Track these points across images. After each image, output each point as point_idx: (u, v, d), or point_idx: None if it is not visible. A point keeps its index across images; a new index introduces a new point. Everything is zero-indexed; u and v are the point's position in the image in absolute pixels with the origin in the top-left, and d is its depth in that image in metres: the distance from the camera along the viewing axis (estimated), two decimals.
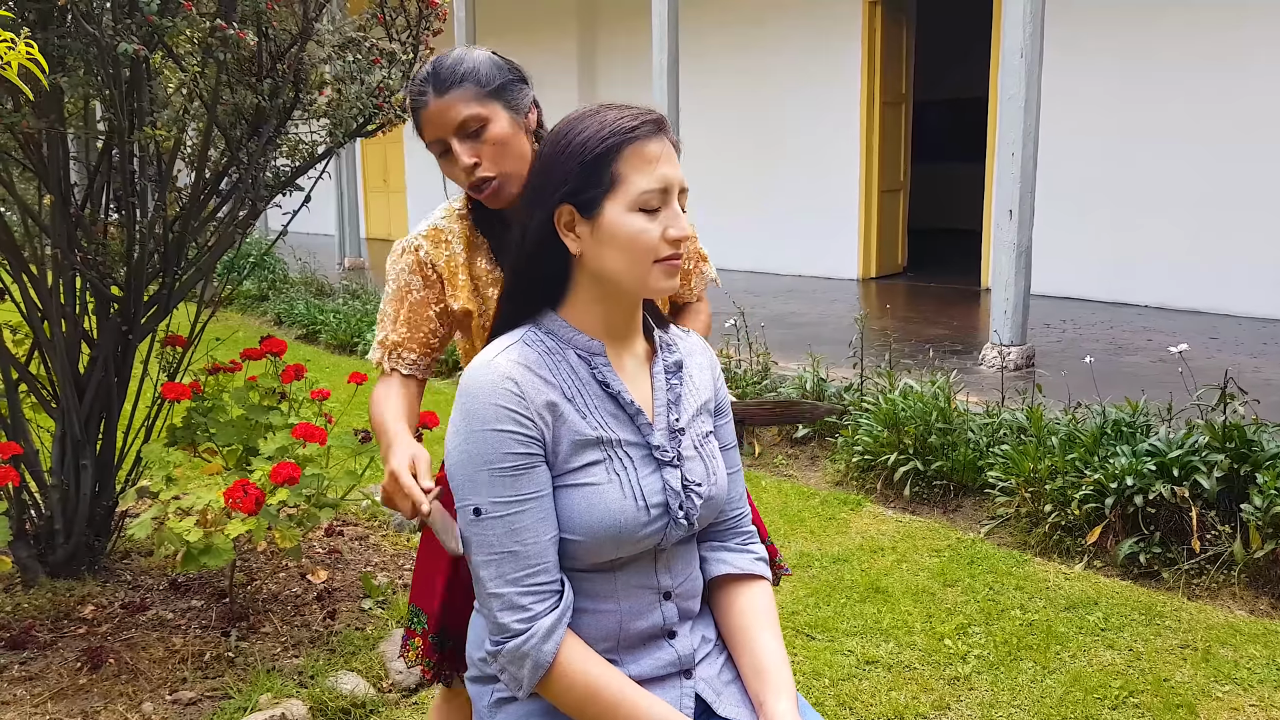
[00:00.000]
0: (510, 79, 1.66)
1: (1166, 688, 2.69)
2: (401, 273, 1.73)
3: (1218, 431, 3.43)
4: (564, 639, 1.23)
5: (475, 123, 1.61)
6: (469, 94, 1.60)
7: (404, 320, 1.73)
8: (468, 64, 1.62)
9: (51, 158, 2.84)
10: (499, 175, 1.64)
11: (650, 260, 1.25)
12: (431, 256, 1.72)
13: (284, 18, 3.01)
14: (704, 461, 1.36)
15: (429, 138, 1.65)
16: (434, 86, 1.60)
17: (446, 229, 1.74)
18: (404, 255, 1.73)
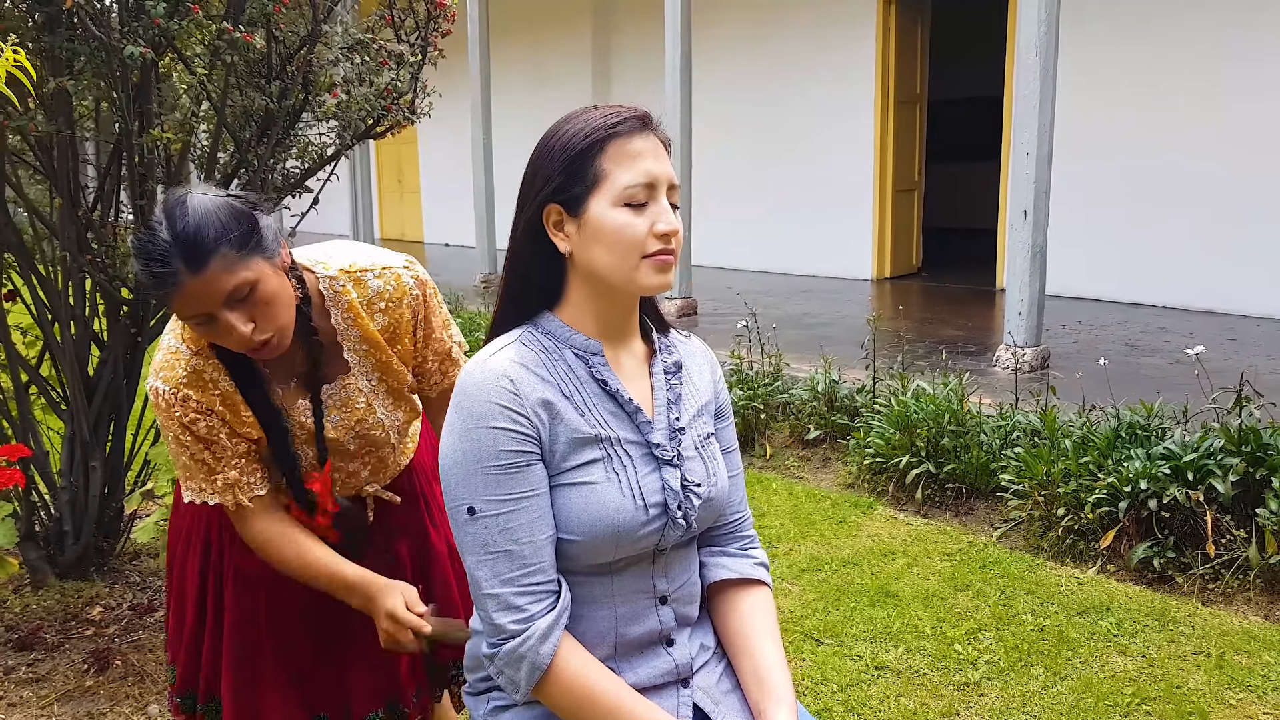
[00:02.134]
0: (256, 224, 1.50)
1: (1179, 695, 2.66)
2: (191, 423, 1.58)
3: (1233, 435, 3.39)
4: (561, 642, 1.22)
5: (244, 289, 1.46)
6: (229, 261, 1.44)
7: (227, 455, 1.61)
8: (213, 227, 1.44)
9: (61, 160, 2.85)
10: (275, 331, 1.52)
11: (638, 255, 1.24)
12: (206, 402, 1.58)
13: (292, 20, 3.01)
14: (704, 462, 1.35)
15: (188, 313, 1.48)
16: (185, 263, 1.41)
17: (201, 369, 1.58)
18: (174, 407, 1.57)
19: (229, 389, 1.59)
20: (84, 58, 2.60)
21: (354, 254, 1.72)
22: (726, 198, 9.71)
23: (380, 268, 1.70)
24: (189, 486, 1.62)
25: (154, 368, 1.58)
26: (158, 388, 1.57)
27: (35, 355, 3.20)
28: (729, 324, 6.19)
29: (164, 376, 1.57)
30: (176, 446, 1.60)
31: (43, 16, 2.62)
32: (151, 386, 1.59)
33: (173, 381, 1.57)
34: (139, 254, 1.44)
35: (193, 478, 1.62)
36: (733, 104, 9.84)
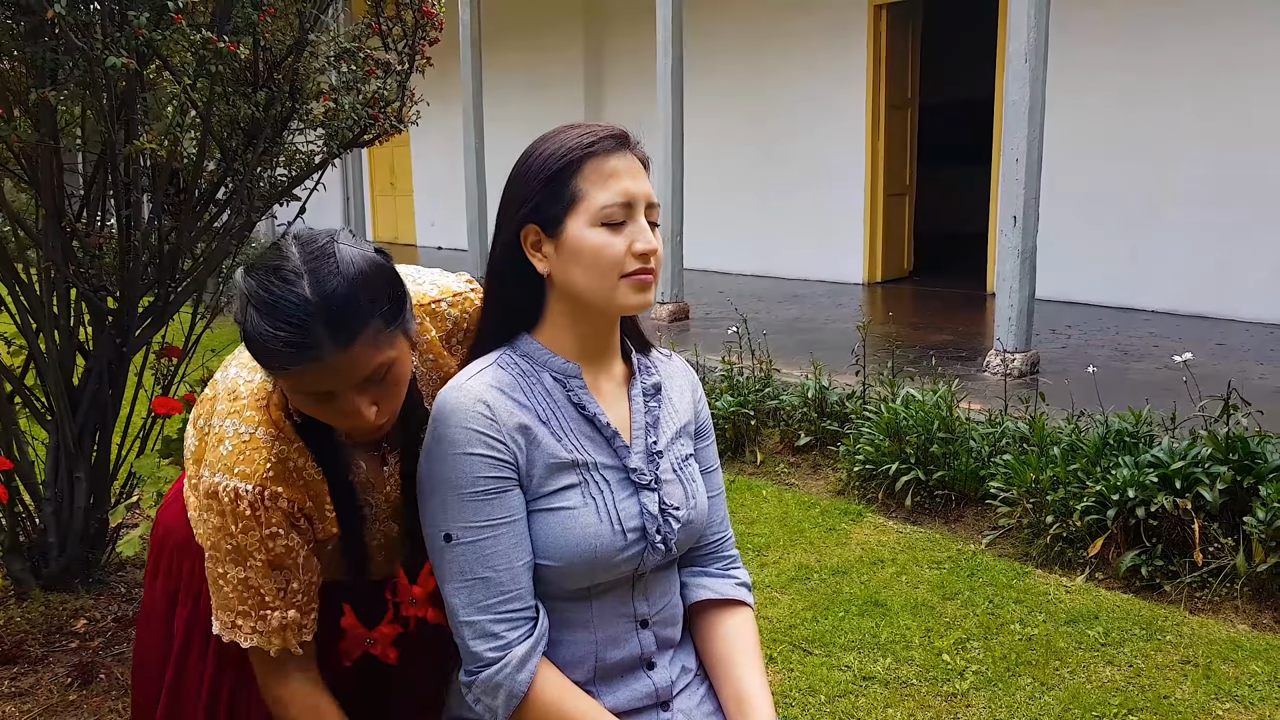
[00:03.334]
0: (406, 292, 1.26)
1: (1166, 705, 2.66)
2: (272, 537, 1.27)
3: (1221, 443, 3.40)
4: (539, 668, 1.22)
5: (383, 369, 1.22)
6: (377, 336, 1.19)
7: (296, 584, 1.30)
8: (367, 291, 1.18)
9: (45, 170, 2.83)
10: (394, 412, 1.29)
11: (617, 275, 1.23)
12: (296, 500, 1.28)
13: (279, 29, 3.00)
14: (683, 485, 1.35)
15: (306, 389, 1.21)
16: (331, 334, 1.15)
17: (286, 456, 1.28)
18: (259, 514, 1.25)
19: (315, 477, 1.29)
20: (67, 68, 2.59)
21: (413, 283, 1.46)
22: (718, 201, 9.71)
23: (452, 294, 1.50)
24: (228, 621, 1.29)
25: (219, 462, 1.25)
26: (238, 490, 1.24)
27: (19, 365, 3.18)
28: (720, 328, 6.19)
29: (243, 472, 1.25)
30: (235, 570, 1.27)
31: (26, 26, 2.60)
32: (227, 489, 1.24)
33: (256, 477, 1.24)
34: (266, 309, 1.15)
35: (243, 614, 1.28)
36: (725, 108, 9.84)
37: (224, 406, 1.32)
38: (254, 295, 1.17)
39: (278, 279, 1.16)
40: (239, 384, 1.35)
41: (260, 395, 1.32)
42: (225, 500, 1.26)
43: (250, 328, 1.17)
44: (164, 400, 3.03)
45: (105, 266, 2.96)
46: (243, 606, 1.29)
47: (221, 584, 1.29)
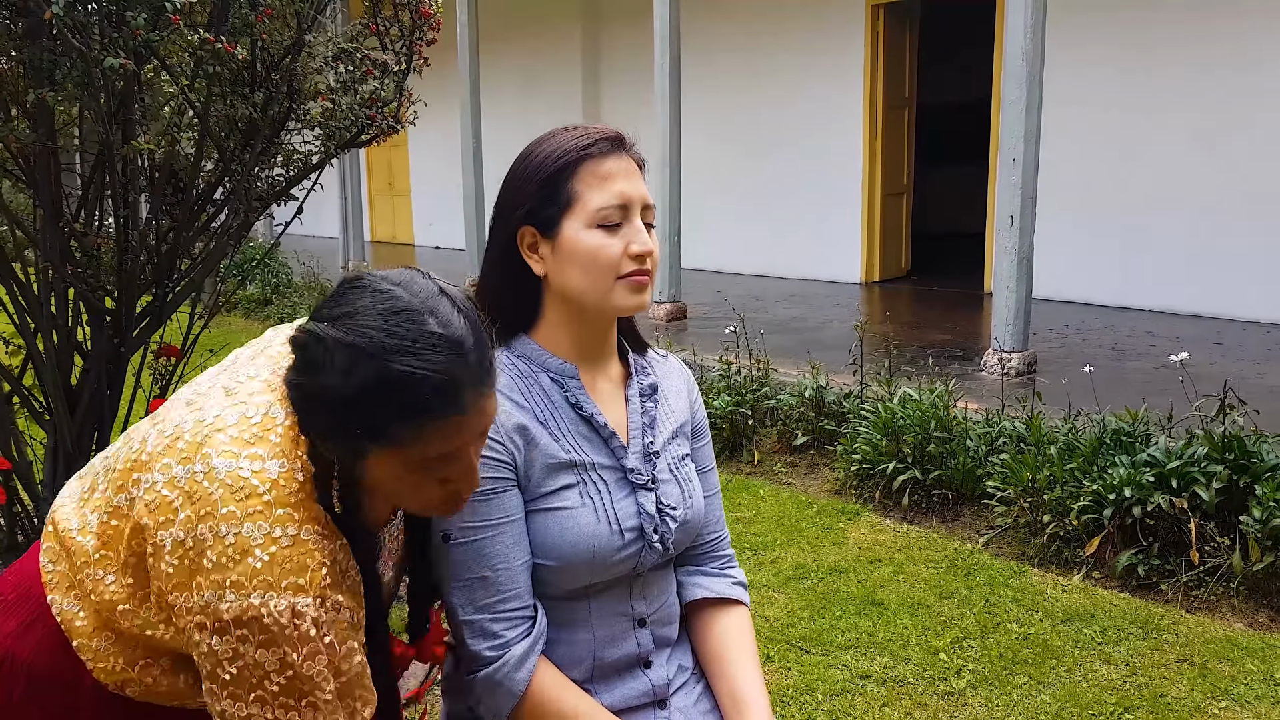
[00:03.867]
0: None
1: (1162, 703, 2.67)
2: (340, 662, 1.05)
3: (1217, 442, 3.41)
4: (538, 666, 1.22)
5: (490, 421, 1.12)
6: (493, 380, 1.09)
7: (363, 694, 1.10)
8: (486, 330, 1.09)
9: (43, 170, 2.84)
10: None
11: (612, 277, 1.24)
12: (354, 608, 1.08)
13: (276, 29, 3.00)
14: (680, 485, 1.35)
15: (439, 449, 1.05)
16: (481, 376, 1.05)
17: (335, 554, 1.07)
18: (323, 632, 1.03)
19: (357, 578, 1.11)
20: (65, 68, 2.59)
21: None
22: (716, 201, 9.71)
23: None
24: None
25: (253, 578, 1.01)
26: (296, 608, 1.01)
27: (18, 365, 3.19)
28: (718, 328, 6.19)
29: (296, 584, 1.02)
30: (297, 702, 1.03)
31: (23, 27, 2.61)
32: (279, 609, 1.01)
33: (315, 587, 1.03)
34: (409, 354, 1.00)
35: None
36: (722, 107, 9.84)
37: (233, 509, 1.03)
38: (381, 344, 1.00)
39: (408, 322, 1.01)
40: (239, 475, 1.04)
41: (289, 486, 1.05)
42: (279, 623, 1.01)
43: (383, 382, 0.99)
44: (163, 401, 3.03)
45: (103, 266, 2.96)
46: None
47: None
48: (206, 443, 1.07)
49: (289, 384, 1.07)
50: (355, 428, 1.02)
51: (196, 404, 1.14)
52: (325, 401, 1.02)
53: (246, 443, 1.07)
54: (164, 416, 1.16)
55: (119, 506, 1.12)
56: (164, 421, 1.14)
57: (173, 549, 1.04)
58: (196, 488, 1.05)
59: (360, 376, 1.00)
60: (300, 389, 1.05)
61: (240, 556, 1.02)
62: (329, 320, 1.03)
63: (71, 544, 1.16)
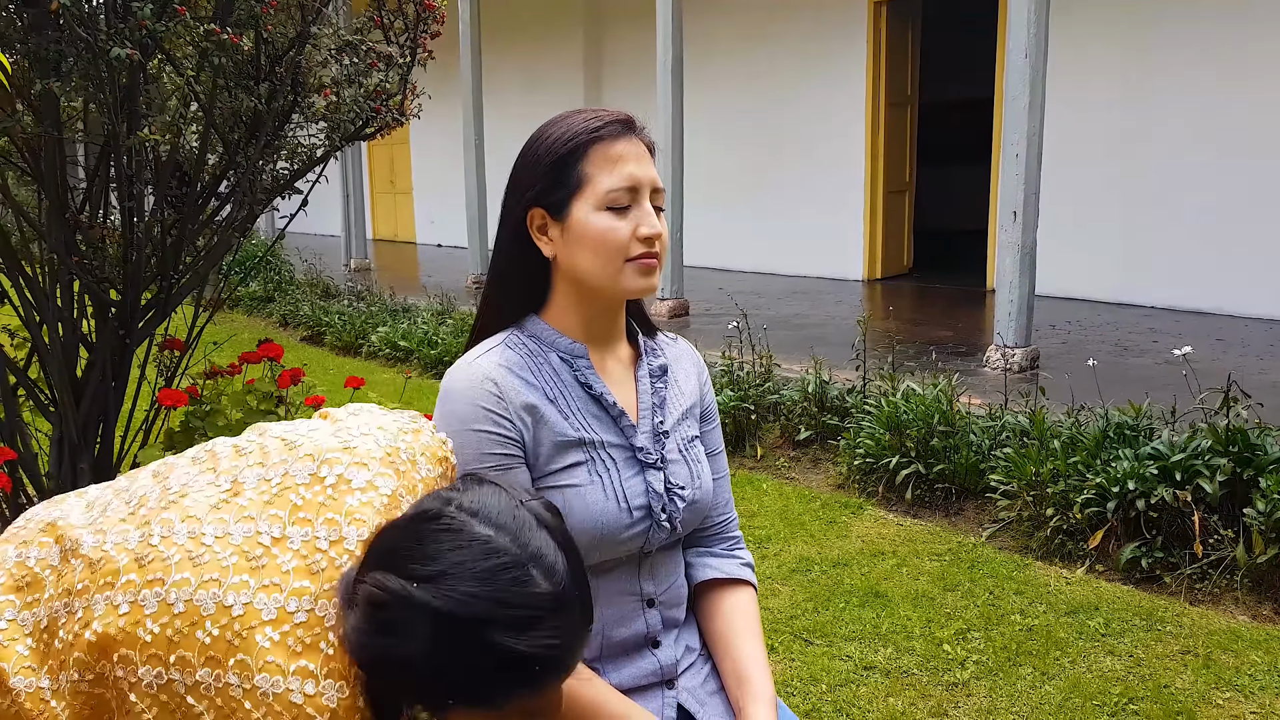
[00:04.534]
0: None
1: (1166, 694, 2.67)
2: None
3: (1220, 435, 3.41)
4: None
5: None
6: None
7: None
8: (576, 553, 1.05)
9: (48, 162, 2.84)
10: None
11: (621, 259, 1.24)
12: None
13: (281, 22, 3.01)
14: (688, 465, 1.36)
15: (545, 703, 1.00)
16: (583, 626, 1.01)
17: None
18: None
19: None
20: (71, 59, 2.59)
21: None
22: (718, 199, 9.71)
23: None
24: None
25: None
26: None
27: (23, 357, 3.19)
28: (721, 325, 6.20)
29: None
30: None
31: (29, 18, 2.61)
32: None
33: None
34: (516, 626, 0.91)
35: None
36: (724, 105, 9.85)
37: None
38: (485, 615, 0.89)
39: (514, 585, 0.90)
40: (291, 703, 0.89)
41: (349, 715, 0.92)
42: None
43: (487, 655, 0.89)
44: (169, 392, 3.04)
45: (108, 259, 2.97)
46: None
47: None
48: (241, 646, 0.89)
49: (354, 644, 0.91)
50: (444, 693, 0.91)
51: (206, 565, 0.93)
52: (410, 668, 0.90)
53: (294, 652, 0.90)
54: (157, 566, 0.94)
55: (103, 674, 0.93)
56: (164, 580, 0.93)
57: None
58: (236, 709, 0.87)
59: (458, 648, 0.88)
60: (376, 650, 0.90)
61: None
62: (415, 579, 0.89)
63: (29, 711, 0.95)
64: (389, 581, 0.89)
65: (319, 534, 0.96)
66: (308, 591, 0.93)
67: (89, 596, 0.95)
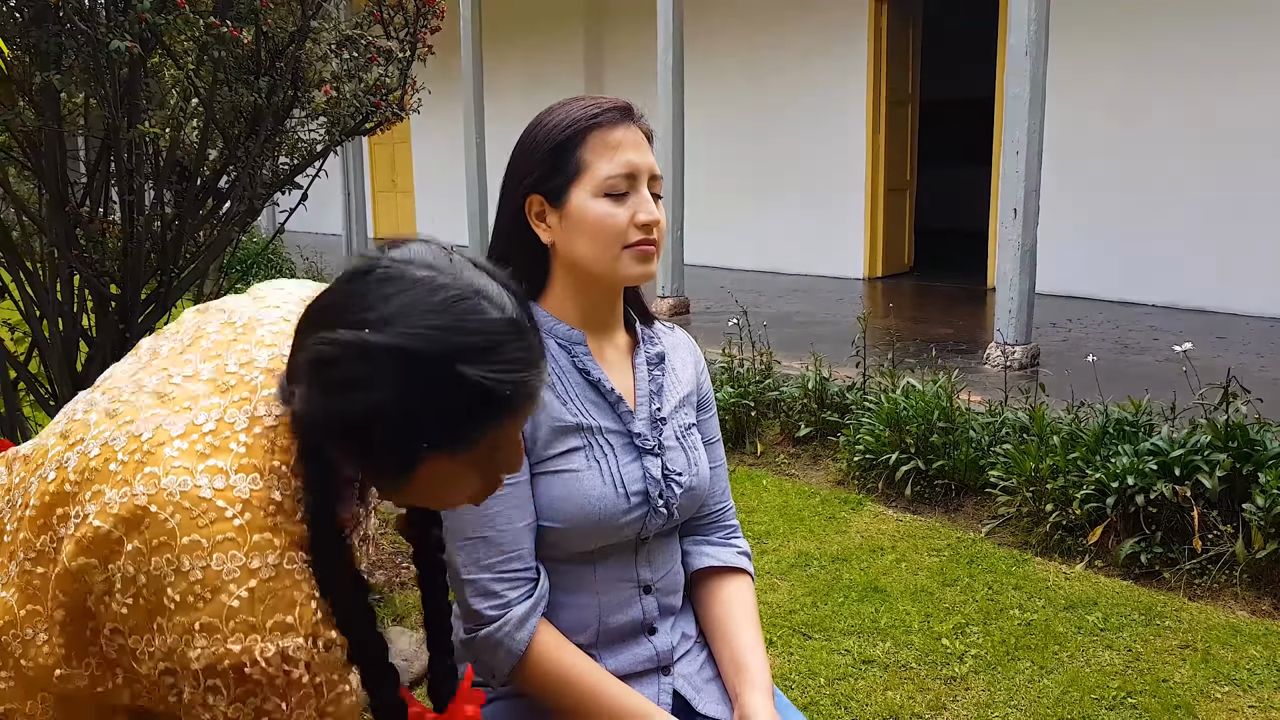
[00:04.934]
0: None
1: (1165, 688, 2.67)
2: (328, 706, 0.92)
3: (1220, 431, 3.41)
4: (539, 628, 1.23)
5: None
6: None
7: None
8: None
9: (48, 156, 2.85)
10: None
11: (619, 246, 1.25)
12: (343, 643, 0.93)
13: (281, 16, 3.01)
14: (685, 452, 1.36)
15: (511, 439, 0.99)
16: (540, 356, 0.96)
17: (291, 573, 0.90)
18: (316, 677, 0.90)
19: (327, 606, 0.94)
20: (71, 53, 2.60)
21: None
22: (719, 197, 9.71)
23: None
24: None
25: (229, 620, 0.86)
26: (287, 652, 0.88)
27: (23, 351, 3.20)
28: (721, 322, 6.20)
29: (282, 623, 0.88)
30: None
31: (29, 11, 2.62)
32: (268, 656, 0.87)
33: (306, 625, 0.89)
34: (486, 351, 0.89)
35: None
36: (725, 104, 9.85)
37: (196, 537, 0.86)
38: (450, 345, 0.87)
39: (470, 314, 0.89)
40: (199, 497, 0.87)
41: (264, 506, 0.90)
42: (267, 673, 0.87)
43: (458, 387, 0.87)
44: None
45: (108, 253, 2.98)
46: None
47: None
48: (149, 460, 0.88)
49: (308, 413, 0.89)
50: (414, 442, 0.89)
51: (122, 414, 0.94)
52: (381, 421, 0.87)
53: (201, 454, 0.89)
54: (79, 431, 0.95)
55: (43, 551, 0.93)
56: (84, 438, 0.94)
57: (123, 587, 0.87)
58: (142, 514, 0.86)
59: (427, 386, 0.86)
60: (333, 414, 0.87)
61: (211, 595, 0.85)
62: (366, 326, 0.86)
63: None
64: (338, 335, 0.86)
65: (229, 362, 0.96)
66: (216, 405, 0.93)
67: (25, 484, 0.96)
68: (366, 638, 0.95)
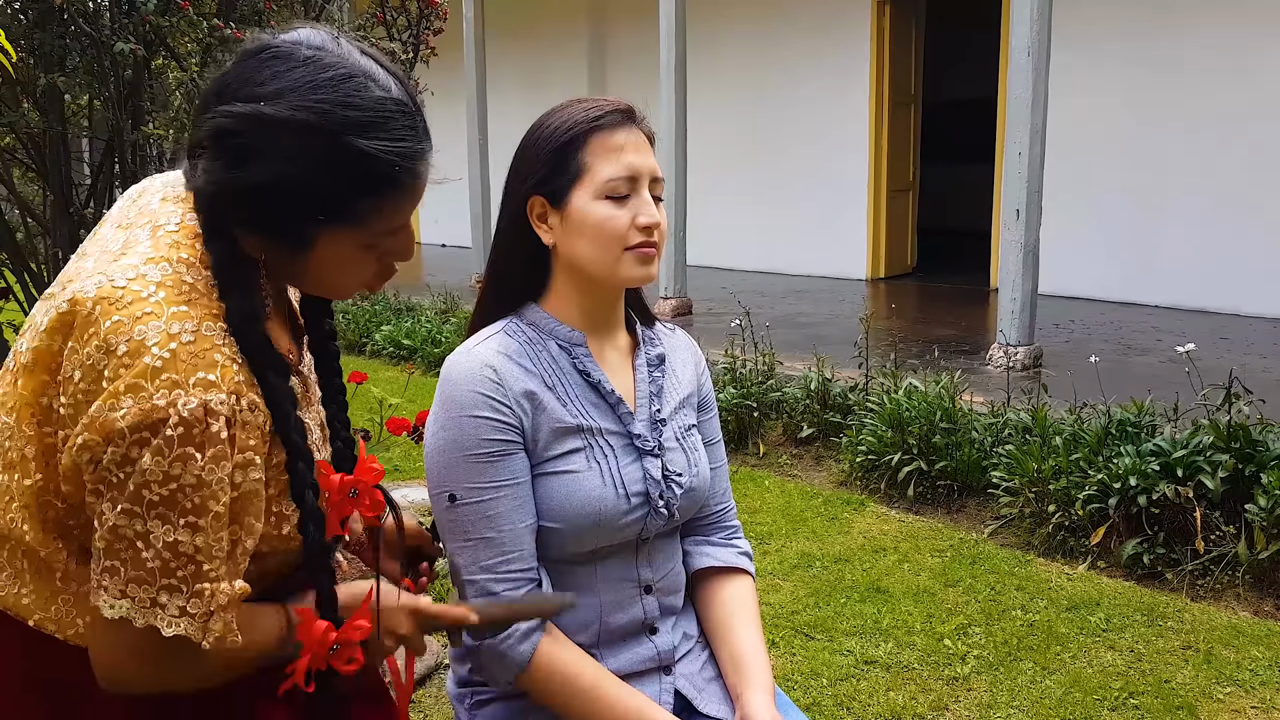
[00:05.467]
0: None
1: (1167, 689, 2.67)
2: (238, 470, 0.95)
3: (1222, 431, 3.41)
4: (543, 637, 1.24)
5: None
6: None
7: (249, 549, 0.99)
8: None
9: (53, 157, 2.86)
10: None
11: (620, 248, 1.25)
12: (267, 416, 0.98)
13: (285, 17, 3.02)
14: (685, 453, 1.37)
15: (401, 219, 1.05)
16: (429, 139, 1.04)
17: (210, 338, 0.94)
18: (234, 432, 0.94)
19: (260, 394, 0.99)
20: (76, 55, 2.61)
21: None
22: (721, 198, 9.72)
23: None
24: (145, 599, 0.93)
25: (153, 377, 0.90)
26: (209, 404, 0.91)
27: None
28: (723, 323, 6.20)
29: (205, 380, 0.91)
30: (167, 529, 0.92)
31: (34, 14, 2.63)
32: (188, 407, 0.90)
33: (228, 383, 0.93)
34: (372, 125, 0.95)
35: (169, 588, 0.93)
36: (728, 104, 9.85)
37: (119, 318, 0.91)
38: (340, 118, 0.93)
39: (357, 90, 0.94)
40: (113, 288, 0.93)
41: (177, 287, 0.94)
42: (187, 423, 0.90)
43: (346, 157, 0.93)
44: None
45: None
46: (169, 579, 0.92)
47: (140, 548, 0.92)
48: (72, 282, 0.96)
49: (209, 184, 0.95)
50: (314, 213, 0.95)
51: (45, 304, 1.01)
52: (278, 192, 0.93)
53: (114, 257, 0.97)
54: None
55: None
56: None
57: (65, 385, 0.93)
58: (69, 316, 0.93)
59: (317, 157, 0.92)
60: (234, 182, 0.93)
61: (134, 360, 0.90)
62: (261, 99, 0.91)
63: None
64: (235, 108, 0.92)
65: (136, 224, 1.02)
66: (120, 233, 1.02)
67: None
68: (287, 414, 0.99)
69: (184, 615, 0.93)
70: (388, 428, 2.97)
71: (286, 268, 1.04)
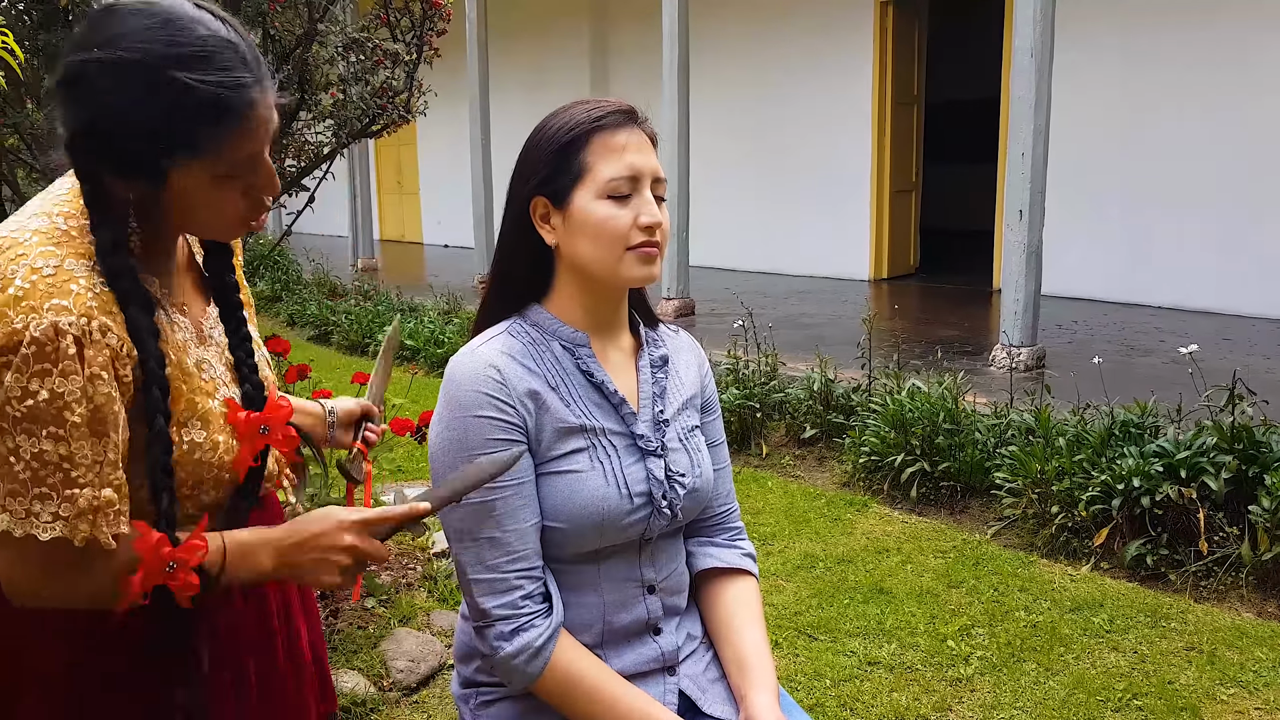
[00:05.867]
0: None
1: (1171, 690, 2.67)
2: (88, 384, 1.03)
3: (1226, 432, 3.41)
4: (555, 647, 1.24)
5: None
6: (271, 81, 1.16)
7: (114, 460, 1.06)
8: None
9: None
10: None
11: (622, 248, 1.25)
12: (122, 338, 1.06)
13: (289, 19, 3.03)
14: (689, 454, 1.37)
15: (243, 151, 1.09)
16: (260, 69, 1.10)
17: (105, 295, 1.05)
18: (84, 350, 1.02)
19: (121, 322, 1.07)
20: None
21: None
22: (724, 199, 9.72)
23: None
24: (20, 510, 1.02)
25: (24, 304, 1.01)
26: (58, 325, 1.01)
27: None
28: (726, 324, 6.21)
29: (59, 306, 1.01)
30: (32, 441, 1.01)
31: (39, 15, 2.64)
32: (40, 328, 1.00)
33: (80, 307, 1.02)
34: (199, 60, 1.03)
35: (41, 496, 1.02)
36: (730, 104, 9.86)
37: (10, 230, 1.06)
38: (167, 55, 1.02)
39: (182, 31, 1.04)
40: (5, 235, 1.06)
41: (51, 233, 1.06)
42: (39, 342, 1.00)
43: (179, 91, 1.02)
44: None
45: None
46: (40, 488, 1.02)
47: (12, 462, 1.01)
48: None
49: (65, 132, 1.05)
50: (157, 145, 1.04)
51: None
52: (120, 128, 1.03)
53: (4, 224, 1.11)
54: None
55: None
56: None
57: None
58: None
59: (143, 91, 1.02)
60: (85, 126, 1.04)
61: (1, 293, 1.01)
62: (95, 47, 1.03)
63: None
64: (74, 57, 1.04)
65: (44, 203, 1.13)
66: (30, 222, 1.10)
67: None
68: (144, 341, 1.08)
69: (57, 519, 1.02)
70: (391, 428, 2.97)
71: (155, 208, 1.11)
